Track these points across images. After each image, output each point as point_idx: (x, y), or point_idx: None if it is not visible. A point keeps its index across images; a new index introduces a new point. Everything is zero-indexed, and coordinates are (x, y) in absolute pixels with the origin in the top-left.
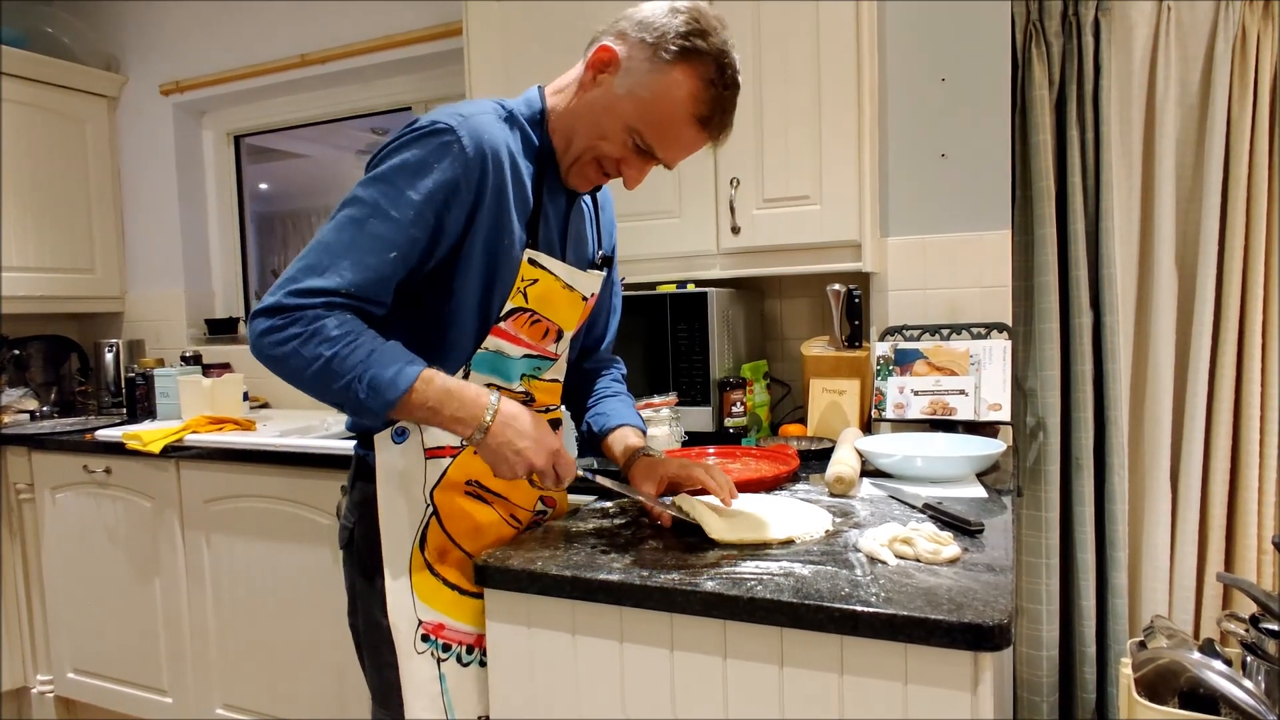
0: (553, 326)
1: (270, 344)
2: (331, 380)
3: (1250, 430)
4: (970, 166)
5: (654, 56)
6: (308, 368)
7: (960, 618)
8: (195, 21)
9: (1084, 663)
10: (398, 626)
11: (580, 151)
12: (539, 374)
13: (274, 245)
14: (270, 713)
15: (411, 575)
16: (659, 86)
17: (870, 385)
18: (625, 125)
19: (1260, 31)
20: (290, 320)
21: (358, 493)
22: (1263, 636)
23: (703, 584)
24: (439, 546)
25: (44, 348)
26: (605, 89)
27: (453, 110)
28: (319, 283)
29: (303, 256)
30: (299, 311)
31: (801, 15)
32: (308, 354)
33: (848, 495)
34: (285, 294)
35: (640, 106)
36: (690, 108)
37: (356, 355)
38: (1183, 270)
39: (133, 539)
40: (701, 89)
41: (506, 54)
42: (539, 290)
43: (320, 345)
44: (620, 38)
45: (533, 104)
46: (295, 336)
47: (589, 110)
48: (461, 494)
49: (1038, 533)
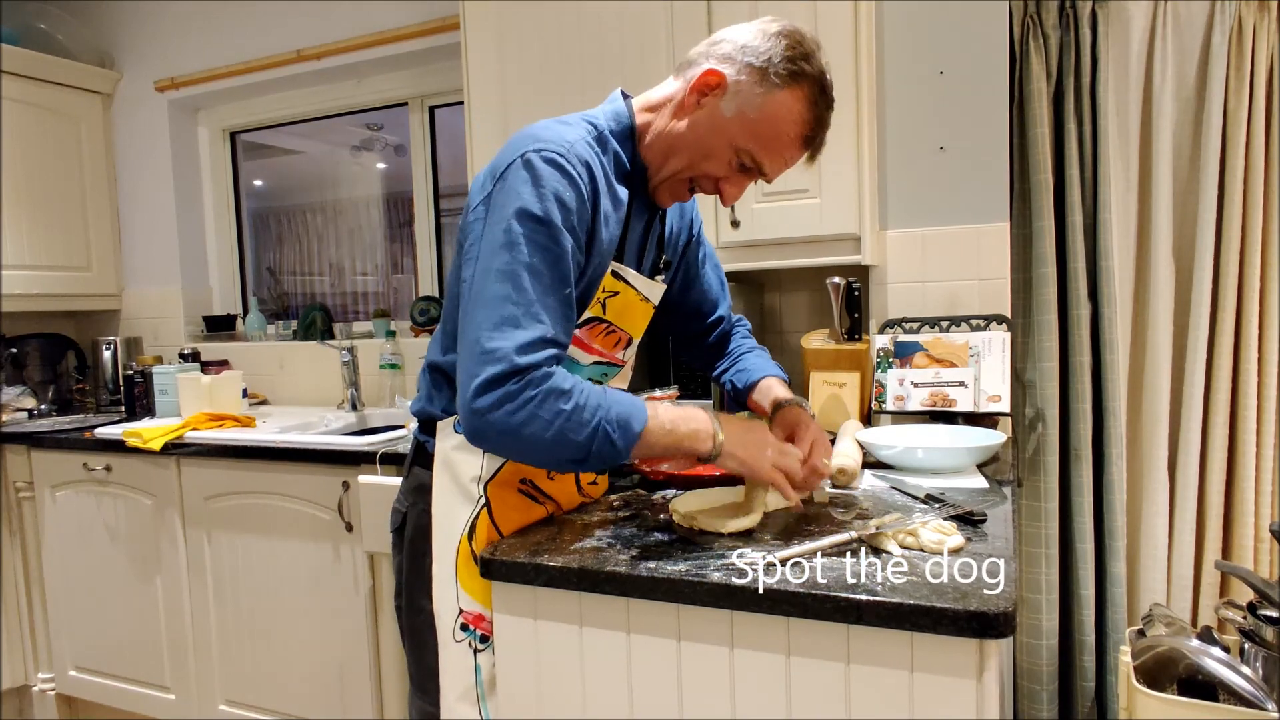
0: (624, 335)
1: (506, 413)
2: (576, 432)
3: (1247, 419)
4: (968, 159)
5: (763, 80)
6: (549, 427)
7: (965, 606)
8: (190, 17)
9: (1083, 651)
10: (440, 613)
11: (677, 170)
12: (605, 380)
13: (269, 242)
14: (273, 708)
15: (458, 564)
16: (769, 109)
17: (870, 378)
18: (733, 146)
19: (1256, 24)
20: (522, 384)
21: (413, 478)
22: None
23: (709, 575)
24: (487, 538)
25: (41, 346)
26: (710, 111)
27: (557, 136)
28: (528, 335)
29: (486, 312)
30: (528, 373)
31: (799, 10)
32: (546, 414)
33: (850, 487)
34: (509, 355)
35: (749, 128)
36: (798, 129)
37: (593, 401)
38: (1180, 262)
39: (134, 536)
40: (807, 110)
41: (503, 53)
42: (619, 302)
43: (559, 400)
44: (726, 61)
45: (621, 119)
46: (531, 399)
47: (693, 132)
48: (515, 491)
49: (1037, 522)
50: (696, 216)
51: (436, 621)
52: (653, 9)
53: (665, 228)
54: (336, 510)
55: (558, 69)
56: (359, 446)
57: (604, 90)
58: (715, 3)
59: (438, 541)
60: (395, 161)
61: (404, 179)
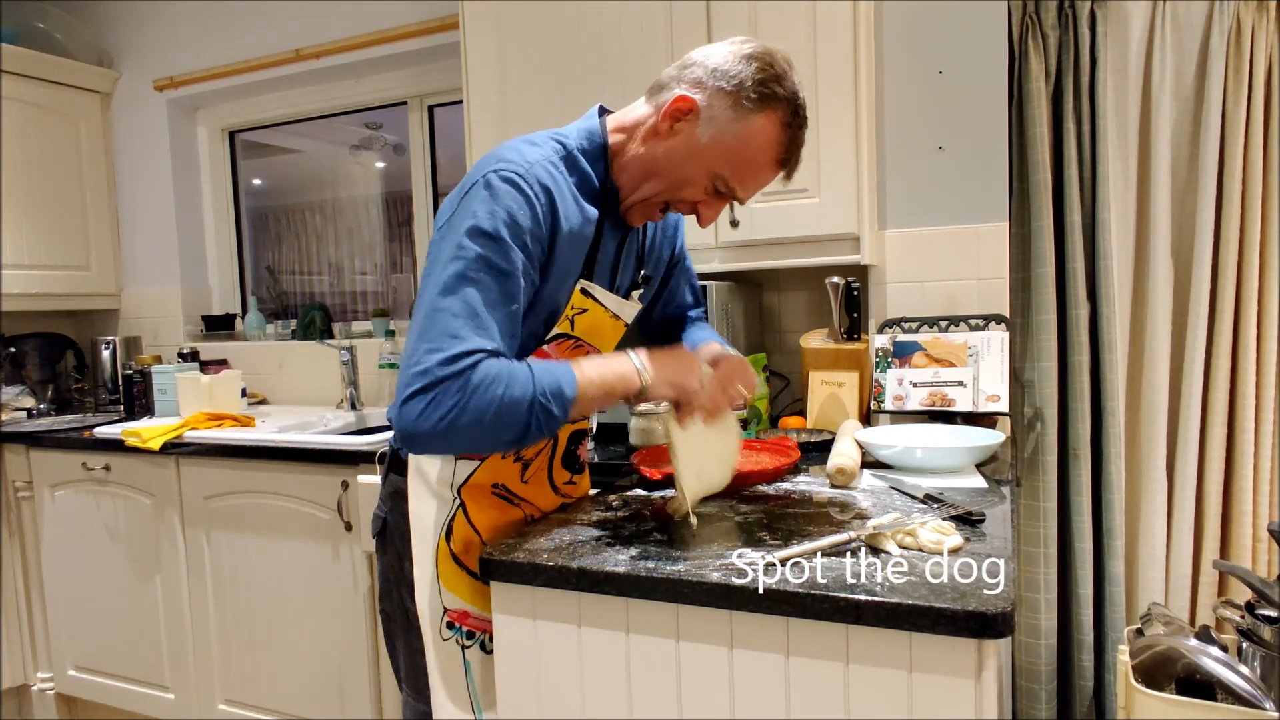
0: (594, 351)
1: (430, 419)
2: (512, 414)
3: (1245, 419)
4: (967, 159)
5: (736, 105)
6: (484, 415)
7: (964, 606)
8: (188, 16)
9: (1082, 650)
10: (424, 613)
11: (652, 194)
12: None
13: (268, 241)
14: (272, 707)
15: (437, 564)
16: (743, 134)
17: (869, 377)
18: (710, 172)
19: (1255, 24)
20: (447, 389)
21: (390, 484)
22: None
23: (709, 575)
24: (464, 538)
25: (40, 345)
26: (685, 137)
27: (519, 157)
28: (464, 346)
29: (428, 324)
30: (453, 380)
31: (799, 10)
32: (478, 405)
33: (849, 486)
34: (433, 370)
35: (725, 154)
36: (772, 152)
37: (521, 379)
38: (1178, 261)
39: (133, 536)
40: (780, 133)
41: (503, 52)
42: (587, 319)
43: (487, 390)
44: (697, 86)
45: (594, 137)
46: (457, 402)
47: (668, 158)
48: (488, 494)
49: (1035, 522)
50: (681, 232)
51: (421, 622)
52: (653, 9)
53: (646, 239)
54: (336, 510)
55: (557, 68)
56: (358, 446)
57: (603, 90)
58: (715, 3)
59: (416, 544)
60: (394, 161)
61: (403, 178)
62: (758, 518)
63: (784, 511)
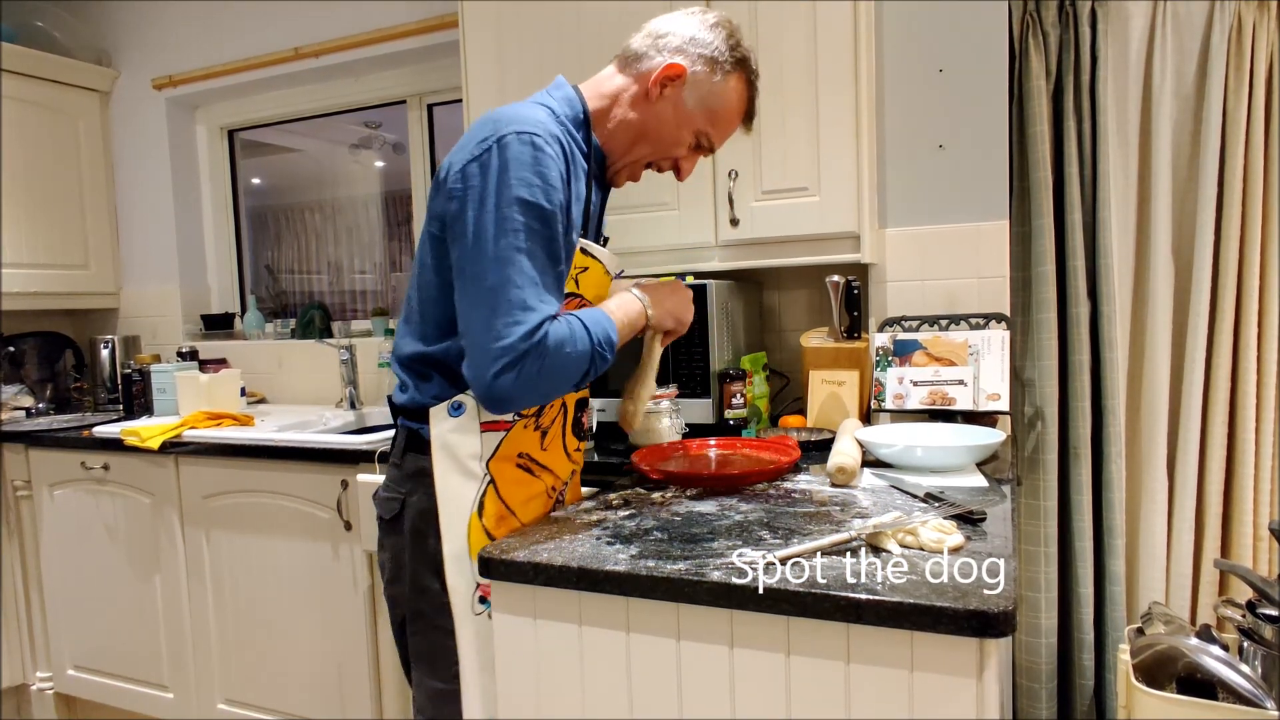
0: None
1: (525, 386)
2: (579, 366)
3: (1246, 417)
4: (968, 157)
5: (716, 69)
6: (561, 372)
7: (965, 605)
8: (187, 15)
9: (1082, 649)
10: (456, 590)
11: (643, 156)
12: None
13: (267, 240)
14: (271, 707)
15: (470, 541)
16: (723, 94)
17: (869, 376)
18: (695, 131)
19: (1256, 23)
20: (532, 358)
21: (409, 464)
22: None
23: (709, 574)
24: (497, 514)
25: (38, 344)
26: (672, 101)
27: (531, 117)
28: (535, 318)
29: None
30: (533, 351)
31: (799, 10)
32: (556, 364)
33: (849, 485)
34: (515, 345)
35: (709, 114)
36: (743, 107)
37: (581, 335)
38: (1179, 260)
39: (132, 535)
40: (747, 90)
41: (502, 51)
42: (589, 277)
43: (561, 351)
44: (679, 53)
45: (574, 106)
46: (542, 367)
47: (658, 121)
48: (514, 465)
49: (1036, 521)
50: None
51: (452, 598)
52: (653, 9)
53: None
54: (335, 509)
55: (557, 68)
56: (358, 445)
57: None
58: (715, 2)
59: (446, 522)
60: (394, 159)
61: (402, 177)
62: (758, 517)
63: (784, 510)
